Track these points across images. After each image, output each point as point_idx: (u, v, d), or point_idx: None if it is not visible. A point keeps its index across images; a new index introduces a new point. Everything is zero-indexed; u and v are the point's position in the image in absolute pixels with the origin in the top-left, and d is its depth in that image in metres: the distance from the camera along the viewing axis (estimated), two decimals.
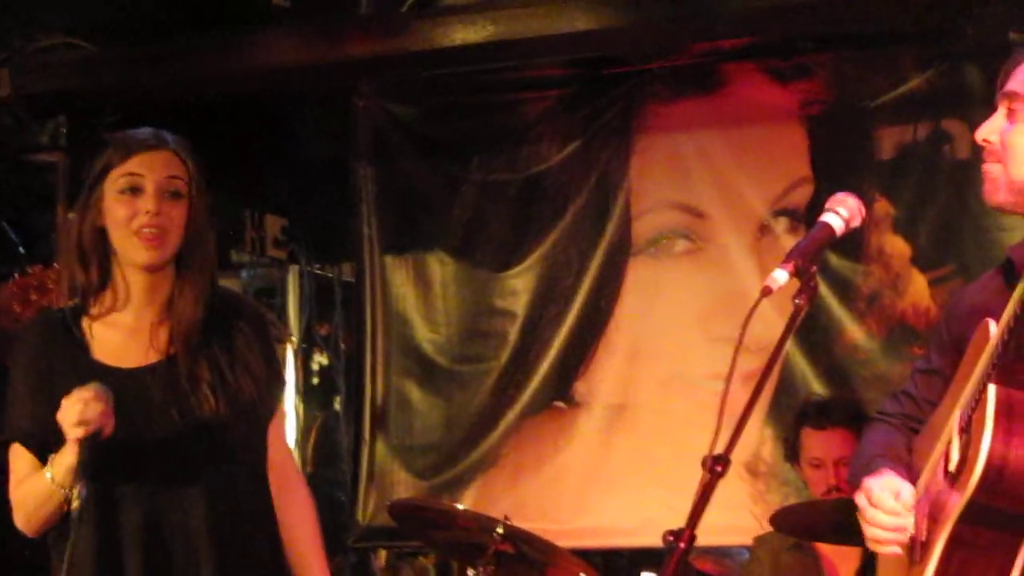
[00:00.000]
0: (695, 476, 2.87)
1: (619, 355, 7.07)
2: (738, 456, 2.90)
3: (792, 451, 5.60)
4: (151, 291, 3.62)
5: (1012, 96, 3.11)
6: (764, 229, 6.79)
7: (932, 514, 3.03)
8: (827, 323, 6.57)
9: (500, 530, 5.22)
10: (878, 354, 6.50)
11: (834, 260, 6.49)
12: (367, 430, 7.32)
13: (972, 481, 2.87)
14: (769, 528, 5.42)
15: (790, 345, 6.36)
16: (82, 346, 3.63)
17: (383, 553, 7.62)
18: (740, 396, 2.90)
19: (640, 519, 6.76)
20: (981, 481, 2.86)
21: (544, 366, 7.14)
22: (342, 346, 7.94)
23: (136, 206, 3.55)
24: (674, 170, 7.01)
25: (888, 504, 3.07)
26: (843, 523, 3.76)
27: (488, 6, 6.45)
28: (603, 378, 7.09)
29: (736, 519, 6.19)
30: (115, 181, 3.58)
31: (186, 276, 3.63)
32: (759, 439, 6.62)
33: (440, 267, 7.36)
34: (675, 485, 6.55)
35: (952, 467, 2.98)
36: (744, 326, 2.82)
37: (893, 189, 6.56)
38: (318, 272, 7.98)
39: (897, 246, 6.51)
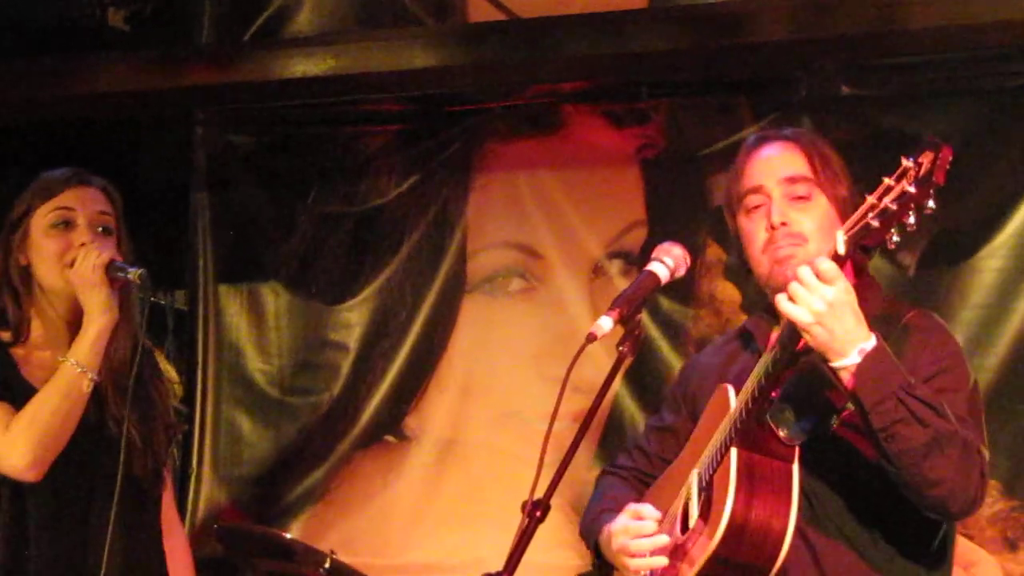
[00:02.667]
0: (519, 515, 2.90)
1: (451, 391, 7.08)
2: (565, 495, 2.94)
3: None
4: (78, 326, 3.55)
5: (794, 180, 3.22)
6: (598, 270, 6.85)
7: (672, 565, 3.11)
8: (657, 366, 6.62)
9: (326, 564, 5.21)
10: None
11: (665, 304, 6.56)
12: (195, 459, 7.25)
13: (716, 536, 2.99)
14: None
15: (620, 386, 6.46)
16: (9, 364, 3.56)
17: None
18: (569, 435, 2.93)
19: (469, 556, 6.75)
20: (724, 537, 2.98)
21: (375, 400, 7.13)
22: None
23: (69, 239, 3.53)
24: (511, 209, 7.04)
25: (642, 527, 3.15)
26: None
27: (329, 40, 6.46)
28: (434, 413, 7.10)
29: (562, 558, 6.23)
30: (43, 216, 3.56)
31: (120, 312, 3.59)
32: (587, 479, 6.62)
33: (274, 298, 7.33)
34: (504, 523, 6.50)
35: (692, 523, 3.07)
36: (568, 370, 2.87)
37: (725, 235, 6.61)
38: (152, 299, 7.88)
39: (727, 291, 6.60)
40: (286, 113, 7.11)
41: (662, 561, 3.11)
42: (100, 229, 3.59)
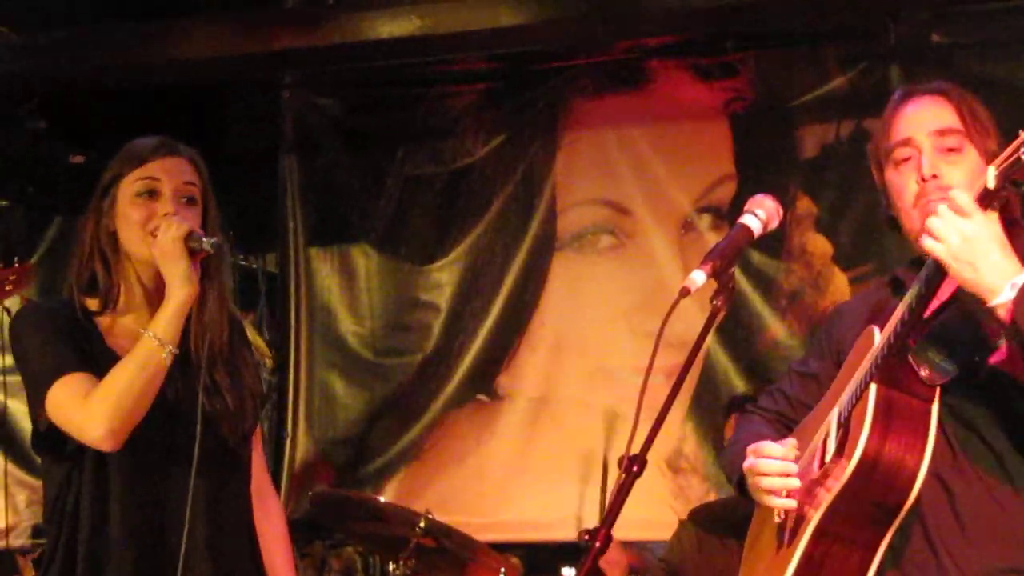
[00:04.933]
0: (616, 471, 2.89)
1: (543, 349, 7.09)
2: (659, 451, 2.94)
3: (722, 440, 5.64)
4: (156, 294, 3.57)
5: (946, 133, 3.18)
6: (688, 225, 6.83)
7: (804, 502, 3.10)
8: (749, 320, 6.61)
9: (422, 524, 5.23)
10: (799, 350, 6.52)
11: (756, 258, 6.54)
12: (290, 422, 7.30)
13: (849, 469, 2.97)
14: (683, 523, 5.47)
15: (712, 341, 6.44)
16: (95, 334, 3.59)
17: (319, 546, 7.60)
18: (662, 391, 2.92)
19: (563, 512, 6.78)
20: (856, 470, 2.96)
21: (467, 359, 7.15)
22: (266, 336, 7.91)
23: (153, 208, 3.54)
24: (600, 165, 7.03)
25: (775, 451, 3.14)
26: None
27: (416, 0, 6.45)
28: (526, 371, 7.11)
29: (656, 514, 6.22)
30: (131, 185, 3.56)
31: (209, 282, 3.60)
32: (680, 435, 6.65)
33: (365, 259, 7.35)
34: (598, 479, 6.58)
35: (828, 458, 3.06)
36: (662, 326, 2.85)
37: (815, 188, 6.61)
38: (242, 263, 7.95)
39: (819, 244, 6.56)
40: (373, 75, 7.12)
41: (793, 483, 3.09)
42: (185, 199, 3.59)
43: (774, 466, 3.14)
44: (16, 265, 4.70)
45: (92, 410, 3.39)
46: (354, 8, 6.46)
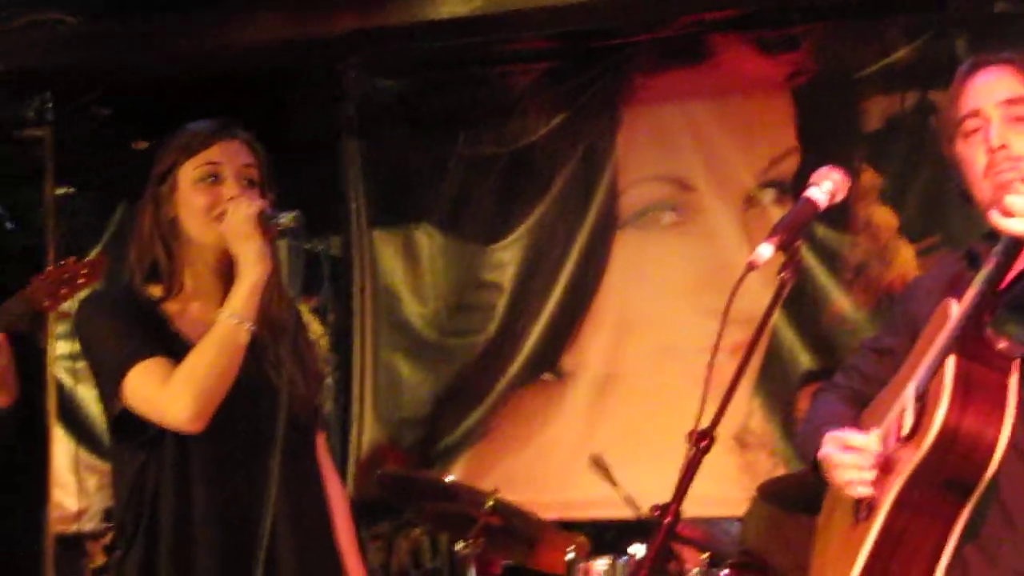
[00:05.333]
0: (684, 448, 2.89)
1: (607, 327, 7.08)
2: (726, 427, 2.93)
3: (789, 416, 5.61)
4: (229, 278, 3.59)
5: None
6: (751, 200, 6.80)
7: (881, 477, 3.07)
8: (814, 294, 6.58)
9: (489, 503, 5.24)
10: (865, 324, 6.50)
11: (821, 231, 6.50)
12: (356, 404, 7.33)
13: (926, 442, 2.94)
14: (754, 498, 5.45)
15: (777, 316, 6.38)
16: (162, 319, 3.61)
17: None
18: (728, 368, 2.91)
19: (630, 491, 6.77)
20: (934, 443, 2.93)
21: (532, 338, 7.15)
22: (330, 319, 7.93)
23: (217, 193, 3.55)
24: (661, 142, 7.01)
25: (856, 441, 3.11)
26: None
27: None
28: (591, 350, 7.10)
29: (724, 490, 6.21)
30: (191, 171, 3.58)
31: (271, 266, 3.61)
32: (747, 410, 6.63)
33: (428, 241, 7.37)
34: (664, 457, 6.53)
35: (905, 433, 3.03)
36: (729, 301, 2.84)
37: (880, 160, 6.57)
38: (306, 246, 7.96)
39: (884, 217, 6.52)
40: (434, 56, 7.11)
41: (869, 476, 3.08)
42: (246, 181, 3.60)
43: (852, 459, 3.11)
44: (88, 258, 4.73)
45: (175, 393, 3.42)
46: None
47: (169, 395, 3.43)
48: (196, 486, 3.52)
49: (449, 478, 6.06)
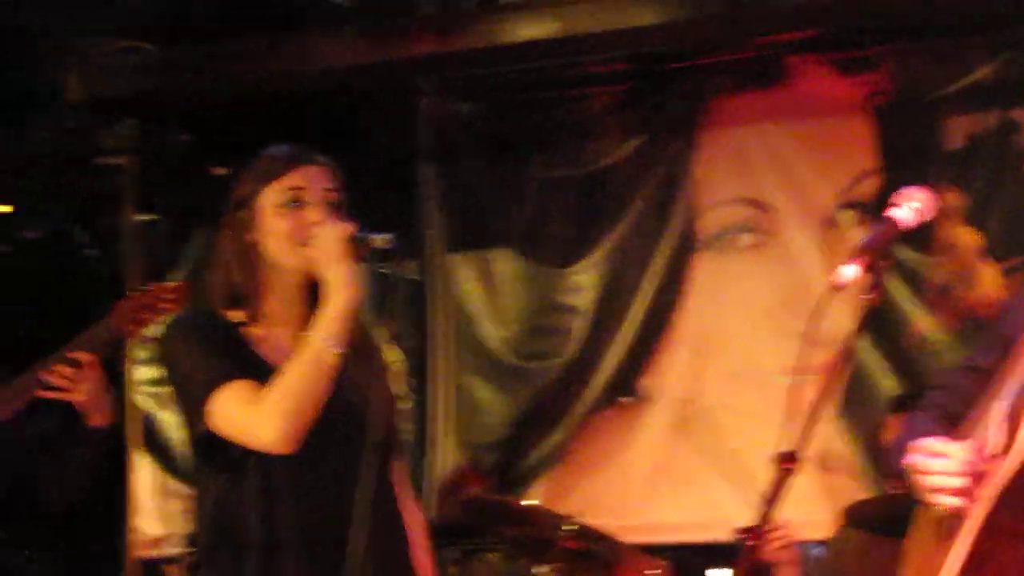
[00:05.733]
0: (764, 471, 2.86)
1: (685, 350, 7.05)
2: (809, 450, 2.88)
3: (873, 438, 5.55)
4: (311, 302, 3.58)
5: None
6: (831, 222, 6.76)
7: (969, 496, 3.03)
8: (897, 316, 6.53)
9: (568, 527, 5.22)
10: (948, 346, 6.45)
11: (904, 252, 6.45)
12: (434, 428, 7.33)
13: (1015, 462, 2.87)
14: (840, 521, 5.39)
15: (859, 338, 6.34)
16: (245, 344, 3.62)
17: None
18: (810, 390, 2.88)
19: (711, 514, 6.74)
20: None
21: (610, 361, 7.13)
22: (407, 343, 7.94)
23: (300, 217, 3.56)
24: (739, 164, 6.98)
25: (939, 448, 3.08)
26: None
27: (552, 2, 6.44)
28: (669, 373, 7.08)
29: (807, 514, 6.15)
30: (273, 196, 3.59)
31: None
32: (830, 433, 6.58)
33: (505, 264, 7.36)
34: (744, 480, 6.53)
35: (994, 450, 2.99)
36: (814, 322, 2.81)
37: (962, 180, 6.51)
38: (381, 270, 7.97)
39: (967, 237, 6.46)
40: (510, 79, 7.11)
41: (955, 482, 3.04)
42: (329, 206, 3.61)
43: (940, 464, 3.08)
44: (170, 284, 4.77)
45: (266, 414, 3.42)
46: (492, 11, 6.46)
47: (259, 416, 3.43)
48: (280, 508, 3.52)
49: (528, 502, 6.06)
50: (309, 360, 3.43)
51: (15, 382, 4.72)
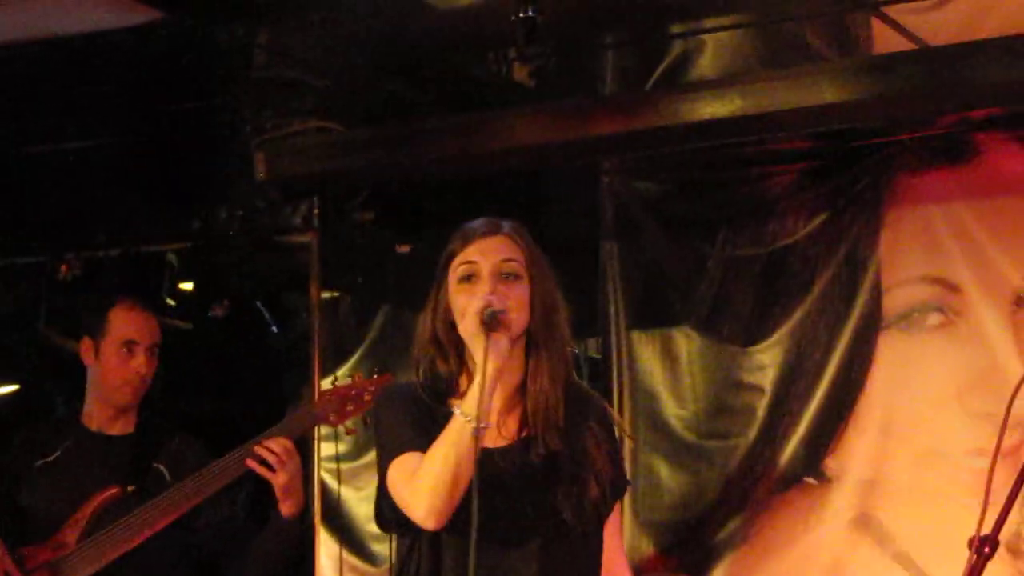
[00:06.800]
0: (952, 555, 2.81)
1: (871, 430, 6.95)
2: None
3: None
4: (501, 376, 3.56)
5: None
6: (1021, 301, 6.64)
7: None
8: None
9: None
10: None
11: None
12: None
13: None
14: None
15: None
16: (440, 417, 3.61)
17: None
18: (999, 474, 2.83)
19: None
20: None
21: (793, 441, 7.05)
22: None
23: (474, 291, 3.57)
24: (926, 242, 6.88)
25: None
26: None
27: (736, 80, 6.43)
28: (855, 454, 6.97)
29: None
30: (455, 271, 3.62)
31: (538, 357, 3.61)
32: (1020, 518, 6.43)
33: (687, 342, 7.33)
34: (932, 564, 6.40)
35: None
36: (1010, 403, 2.76)
37: None
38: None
39: None
40: (692, 157, 7.10)
41: None
42: (505, 276, 3.60)
43: None
44: (376, 376, 4.82)
45: (415, 489, 3.45)
46: (674, 91, 6.47)
47: (412, 490, 3.47)
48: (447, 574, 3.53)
49: None
50: (451, 436, 3.43)
51: (223, 460, 4.79)
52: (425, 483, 3.43)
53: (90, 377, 5.15)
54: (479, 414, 3.40)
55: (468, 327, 3.48)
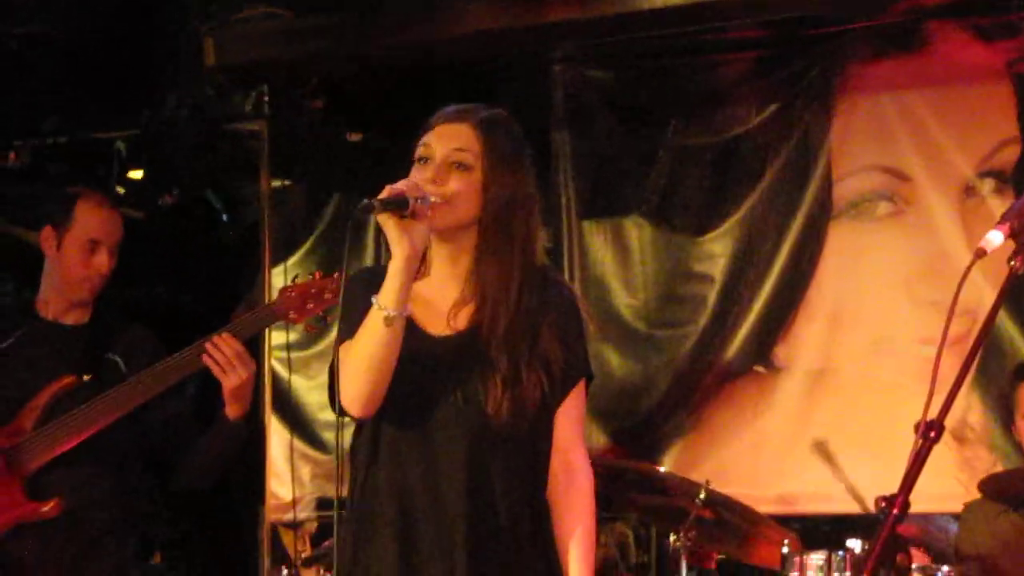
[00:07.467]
0: (899, 442, 2.83)
1: (820, 319, 6.99)
2: (944, 422, 2.84)
3: (1007, 410, 5.48)
4: (450, 263, 3.57)
5: None
6: (970, 190, 6.67)
7: None
8: None
9: (702, 495, 5.20)
10: None
11: None
12: None
13: None
14: (976, 495, 5.33)
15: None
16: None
17: None
18: (945, 360, 2.84)
19: (842, 485, 6.68)
20: None
21: (743, 330, 7.09)
22: None
23: (423, 175, 3.53)
24: (876, 131, 6.90)
25: None
26: None
27: None
28: (804, 343, 7.02)
29: (942, 486, 6.09)
30: (416, 151, 3.59)
31: (485, 250, 3.58)
32: (966, 405, 6.50)
33: (638, 232, 7.33)
34: (879, 451, 6.46)
35: None
36: (958, 291, 2.77)
37: None
38: None
39: None
40: (644, 46, 7.06)
41: None
42: (454, 165, 3.56)
43: None
44: (336, 275, 4.77)
45: (342, 376, 3.45)
46: None
47: (341, 378, 3.46)
48: (381, 468, 3.54)
49: (662, 469, 6.04)
50: (367, 325, 3.41)
51: (178, 355, 4.76)
52: (346, 371, 3.42)
53: (48, 267, 5.08)
54: (393, 302, 3.38)
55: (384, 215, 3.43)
